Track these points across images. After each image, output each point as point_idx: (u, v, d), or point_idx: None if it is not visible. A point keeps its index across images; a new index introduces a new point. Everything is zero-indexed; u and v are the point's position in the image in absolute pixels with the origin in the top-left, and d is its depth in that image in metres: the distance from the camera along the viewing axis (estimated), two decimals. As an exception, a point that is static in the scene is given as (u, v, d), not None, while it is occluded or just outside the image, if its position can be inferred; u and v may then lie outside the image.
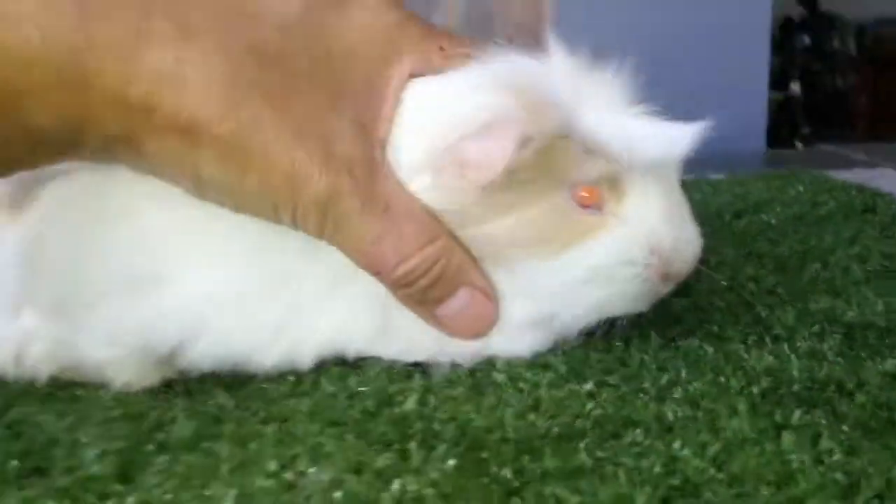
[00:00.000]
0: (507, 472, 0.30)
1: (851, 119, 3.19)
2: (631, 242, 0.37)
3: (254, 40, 0.34)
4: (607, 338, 0.41)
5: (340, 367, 0.39)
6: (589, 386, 0.36)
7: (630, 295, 0.38)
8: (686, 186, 0.69)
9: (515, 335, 0.39)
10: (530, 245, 0.36)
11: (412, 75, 0.37)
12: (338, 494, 0.29)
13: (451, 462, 0.30)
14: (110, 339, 0.37)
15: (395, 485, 0.29)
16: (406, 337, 0.38)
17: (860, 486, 0.28)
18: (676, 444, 0.31)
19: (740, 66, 1.53)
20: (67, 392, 0.39)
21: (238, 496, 0.29)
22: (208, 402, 0.37)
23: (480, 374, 0.38)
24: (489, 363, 0.39)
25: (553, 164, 0.35)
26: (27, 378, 0.40)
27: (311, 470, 0.30)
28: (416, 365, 0.39)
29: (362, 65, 0.36)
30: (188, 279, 0.36)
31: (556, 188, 0.36)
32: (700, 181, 0.77)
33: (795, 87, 2.83)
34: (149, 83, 0.32)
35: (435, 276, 0.36)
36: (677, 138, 0.37)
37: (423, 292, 0.37)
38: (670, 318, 0.43)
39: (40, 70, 0.31)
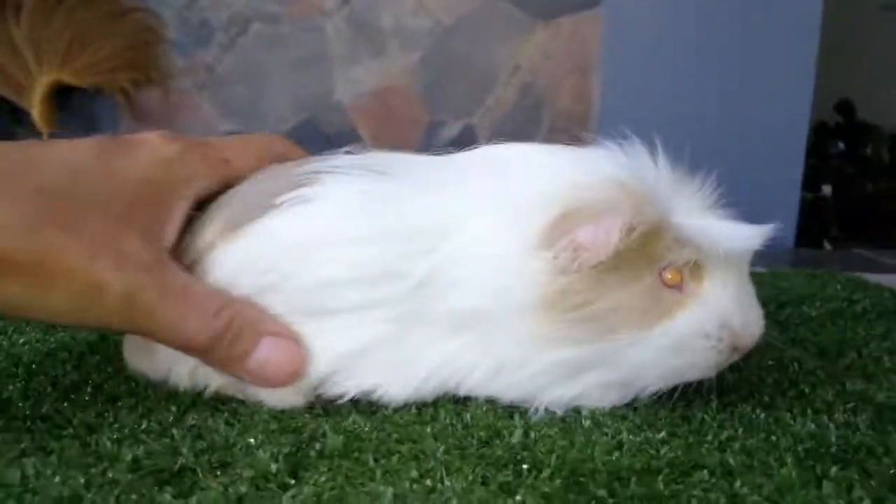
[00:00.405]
0: (602, 493, 0.37)
1: (881, 223, 3.25)
2: (707, 318, 0.44)
3: (42, 184, 0.41)
4: (671, 400, 0.49)
5: (453, 403, 0.48)
6: (661, 434, 0.44)
7: (702, 364, 0.45)
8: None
9: (604, 393, 0.46)
10: (629, 319, 0.43)
11: (200, 190, 0.46)
12: (473, 499, 0.36)
13: (558, 482, 0.38)
14: None
15: (518, 495, 0.37)
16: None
17: (886, 525, 0.35)
18: (737, 484, 0.39)
19: (776, 165, 1.60)
20: (228, 406, 0.47)
21: (394, 494, 0.37)
22: (348, 422, 0.45)
23: (570, 420, 0.46)
24: (576, 411, 0.47)
25: (649, 250, 0.43)
26: (197, 390, 0.48)
27: (447, 479, 0.38)
28: (514, 407, 0.47)
29: (151, 188, 0.44)
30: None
31: (649, 270, 0.44)
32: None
33: (827, 189, 2.91)
34: None
35: (236, 332, 0.44)
36: (750, 235, 0.45)
37: (228, 350, 0.44)
38: (725, 387, 0.51)
39: None
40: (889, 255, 1.08)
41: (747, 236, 0.44)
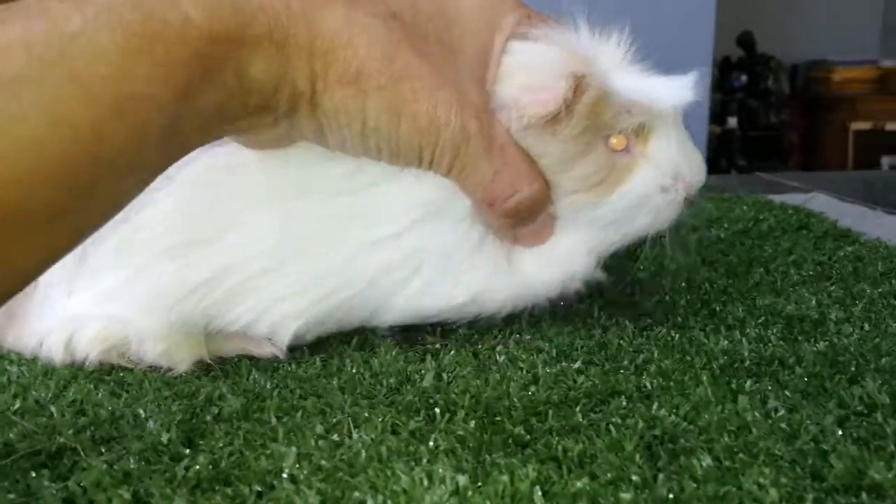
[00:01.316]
0: (519, 430, 0.36)
1: (784, 152, 3.38)
2: (662, 174, 0.45)
3: (393, 8, 0.39)
4: (587, 327, 0.48)
5: (359, 351, 0.45)
6: (577, 364, 0.43)
7: (664, 217, 0.46)
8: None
9: (580, 260, 0.46)
10: (591, 189, 0.44)
11: (511, 37, 0.43)
12: (383, 449, 0.34)
13: (472, 423, 0.36)
14: None
15: (430, 442, 0.35)
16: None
17: (799, 433, 0.35)
18: (654, 407, 0.38)
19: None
20: (114, 376, 0.43)
21: (298, 454, 0.34)
22: (248, 381, 0.42)
23: (483, 357, 0.44)
24: (490, 347, 0.45)
25: (598, 120, 0.43)
26: (76, 364, 0.44)
27: (355, 432, 0.36)
28: (426, 350, 0.45)
29: (473, 31, 0.42)
30: None
31: (600, 139, 0.43)
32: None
33: (733, 122, 3.00)
34: (328, 41, 0.37)
35: (535, 210, 0.43)
36: (685, 86, 0.45)
37: (521, 220, 0.43)
38: (641, 312, 0.50)
39: (258, 25, 0.36)
40: (789, 176, 1.11)
41: (684, 88, 0.45)
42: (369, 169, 0.42)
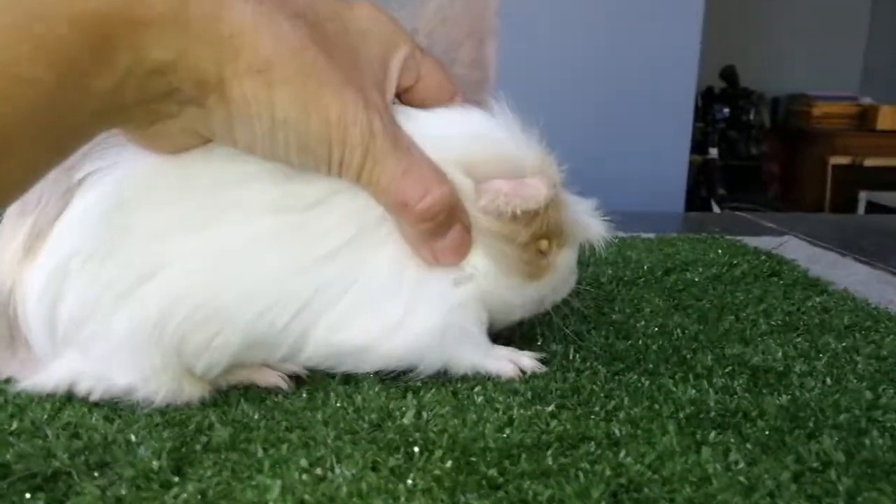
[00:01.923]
0: (493, 472, 0.38)
1: (764, 183, 3.45)
2: (555, 284, 0.51)
3: (297, 7, 0.40)
4: (563, 370, 0.50)
5: (343, 385, 0.47)
6: (551, 408, 0.45)
7: (528, 313, 0.52)
8: (625, 244, 0.81)
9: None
10: (510, 275, 0.48)
11: (404, 62, 0.45)
12: (363, 485, 0.36)
13: (449, 463, 0.38)
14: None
15: (409, 480, 0.37)
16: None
17: (757, 486, 0.37)
18: (622, 454, 0.40)
19: (666, 131, 1.67)
20: (107, 401, 0.45)
21: (282, 486, 0.36)
22: (237, 411, 0.44)
23: (462, 396, 0.46)
24: (469, 387, 0.47)
25: (550, 224, 0.47)
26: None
27: (337, 467, 0.38)
28: (407, 386, 0.47)
29: (373, 44, 0.43)
30: None
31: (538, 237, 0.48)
32: (635, 239, 0.88)
33: (714, 152, 3.05)
34: (234, 26, 0.37)
35: (448, 212, 0.43)
36: (602, 229, 0.51)
37: (437, 226, 0.43)
38: (614, 357, 0.52)
39: (160, 6, 0.35)
40: (766, 217, 1.14)
41: (601, 229, 0.51)
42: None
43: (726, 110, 3.17)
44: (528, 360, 0.50)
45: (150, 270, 0.42)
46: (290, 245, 0.43)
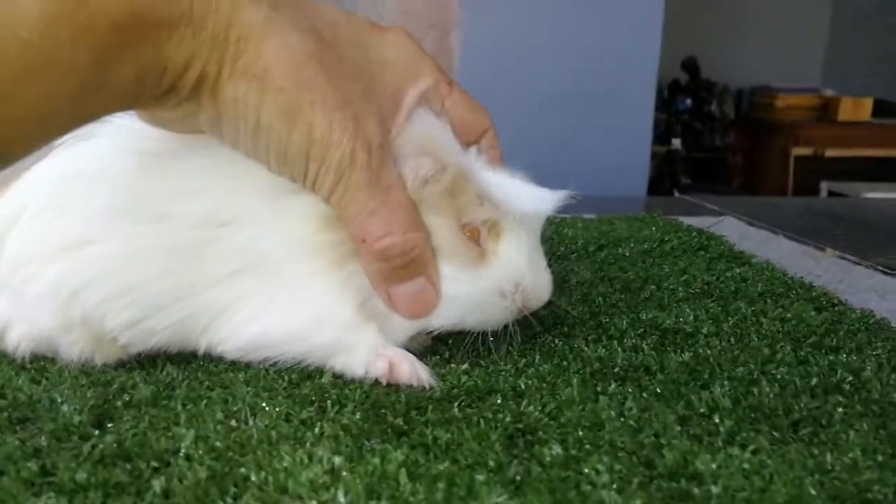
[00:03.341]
0: (399, 421, 0.40)
1: (727, 173, 3.51)
2: (504, 278, 0.47)
3: (314, 24, 0.41)
4: (481, 335, 0.52)
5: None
6: (465, 366, 0.47)
7: (493, 320, 0.48)
8: (564, 223, 0.83)
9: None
10: (457, 257, 0.45)
11: (423, 95, 0.46)
12: (273, 434, 0.38)
13: (358, 415, 0.41)
14: None
15: (317, 428, 0.39)
16: None
17: (644, 429, 0.40)
18: (524, 404, 0.42)
19: (627, 122, 1.70)
20: (36, 364, 0.47)
21: (196, 436, 0.38)
22: (161, 373, 0.46)
23: (382, 358, 0.49)
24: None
25: (456, 199, 0.45)
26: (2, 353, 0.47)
27: (251, 419, 0.40)
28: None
29: (390, 74, 0.45)
30: None
31: (454, 219, 0.45)
32: (576, 218, 0.91)
33: (677, 143, 3.10)
34: (242, 30, 0.39)
35: (409, 259, 0.44)
36: (545, 199, 0.47)
37: (392, 269, 0.44)
38: (533, 321, 0.55)
39: (182, 9, 0.37)
40: (711, 200, 1.18)
41: (541, 200, 0.47)
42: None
43: (689, 101, 3.22)
44: (409, 368, 0.45)
45: (90, 238, 0.44)
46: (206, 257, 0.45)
